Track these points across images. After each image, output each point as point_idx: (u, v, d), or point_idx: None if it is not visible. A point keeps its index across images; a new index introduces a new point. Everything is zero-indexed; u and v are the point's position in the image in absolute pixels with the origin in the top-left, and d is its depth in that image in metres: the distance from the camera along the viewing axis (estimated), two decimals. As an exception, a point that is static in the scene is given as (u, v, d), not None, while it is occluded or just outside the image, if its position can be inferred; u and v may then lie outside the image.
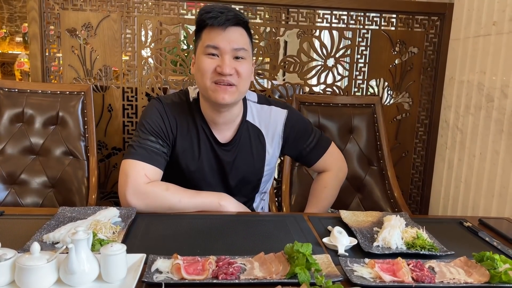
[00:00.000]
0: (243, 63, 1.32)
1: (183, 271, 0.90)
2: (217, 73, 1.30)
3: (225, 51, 1.29)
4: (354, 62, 2.33)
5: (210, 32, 1.30)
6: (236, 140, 1.44)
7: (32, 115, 1.96)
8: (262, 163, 1.49)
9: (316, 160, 1.57)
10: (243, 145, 1.45)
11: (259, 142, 1.48)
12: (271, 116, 1.49)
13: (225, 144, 1.43)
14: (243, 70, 1.32)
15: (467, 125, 2.03)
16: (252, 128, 1.47)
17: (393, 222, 1.19)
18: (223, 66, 1.29)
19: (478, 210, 1.90)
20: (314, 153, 1.56)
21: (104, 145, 2.29)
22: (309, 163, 1.59)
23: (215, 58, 1.30)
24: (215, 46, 1.29)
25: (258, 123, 1.48)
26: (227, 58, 1.29)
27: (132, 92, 2.26)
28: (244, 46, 1.32)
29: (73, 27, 2.18)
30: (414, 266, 0.97)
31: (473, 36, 2.01)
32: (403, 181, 2.42)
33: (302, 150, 1.55)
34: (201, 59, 1.32)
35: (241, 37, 1.32)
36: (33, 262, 0.82)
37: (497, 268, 0.95)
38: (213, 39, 1.29)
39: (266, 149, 1.49)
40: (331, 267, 0.96)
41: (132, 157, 1.33)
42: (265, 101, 1.52)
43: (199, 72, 1.33)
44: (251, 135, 1.46)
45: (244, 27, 1.34)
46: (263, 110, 1.49)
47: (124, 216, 1.21)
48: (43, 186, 1.92)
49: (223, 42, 1.29)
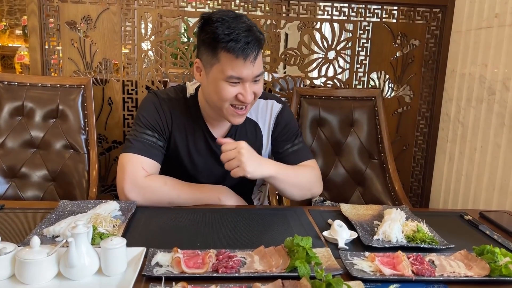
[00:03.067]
0: (259, 83, 1.31)
1: (183, 264, 0.90)
2: (238, 99, 1.27)
3: (247, 80, 1.26)
4: (355, 55, 2.32)
5: (232, 60, 1.22)
6: (232, 134, 1.43)
7: (32, 108, 1.95)
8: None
9: (298, 162, 1.46)
10: (239, 139, 1.42)
11: (256, 136, 1.47)
12: (267, 108, 1.48)
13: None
14: (259, 89, 1.31)
15: (468, 118, 2.02)
16: (249, 122, 1.46)
17: (393, 215, 1.19)
18: (245, 95, 1.26)
19: (479, 203, 1.90)
20: (294, 157, 1.46)
21: (105, 138, 2.28)
22: (289, 163, 1.45)
23: (237, 86, 1.26)
24: (239, 77, 1.24)
25: (255, 117, 1.47)
26: (248, 85, 1.26)
27: (132, 85, 2.25)
28: (262, 69, 1.29)
29: (72, 20, 2.16)
30: (414, 259, 0.97)
31: (475, 29, 1.99)
32: (404, 174, 2.42)
33: (286, 148, 1.48)
34: (221, 86, 1.26)
35: (260, 61, 1.28)
36: (33, 256, 0.82)
37: (497, 261, 0.95)
38: (236, 69, 1.23)
39: (263, 142, 1.48)
40: (331, 261, 0.96)
41: (129, 150, 1.32)
42: (262, 95, 1.47)
43: (217, 95, 1.28)
44: (247, 129, 1.46)
45: (261, 47, 1.27)
46: (259, 104, 1.47)
47: (124, 210, 1.21)
48: (43, 179, 1.92)
49: (246, 72, 1.24)
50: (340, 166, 2.11)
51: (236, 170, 1.20)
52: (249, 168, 1.20)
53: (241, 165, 1.19)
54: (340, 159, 2.11)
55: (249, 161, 1.20)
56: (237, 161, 1.19)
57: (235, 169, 1.20)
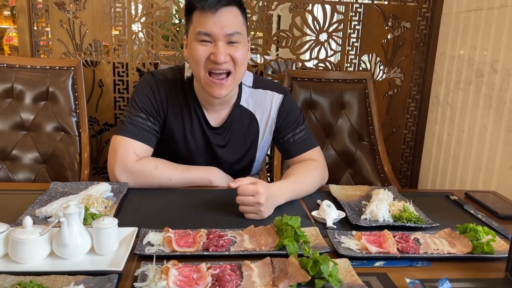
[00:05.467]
0: (238, 48, 1.25)
1: (174, 243, 0.92)
2: (211, 61, 1.23)
3: (218, 37, 1.21)
4: (347, 37, 2.32)
5: (201, 16, 1.21)
6: (228, 124, 1.41)
7: (21, 90, 1.94)
8: (254, 148, 1.47)
9: (299, 153, 1.44)
10: (235, 130, 1.42)
11: (252, 128, 1.45)
12: (266, 100, 1.44)
13: (216, 128, 1.41)
14: (239, 55, 1.25)
15: (457, 100, 2.04)
16: (246, 113, 1.43)
17: (380, 195, 1.22)
18: (217, 54, 1.21)
19: (466, 183, 1.94)
20: (298, 146, 1.44)
21: (96, 120, 2.28)
22: (291, 154, 1.45)
23: (208, 45, 1.23)
24: (207, 32, 1.21)
25: (252, 108, 1.44)
26: (220, 45, 1.22)
27: (123, 68, 2.24)
28: (238, 29, 1.24)
29: (61, 1, 2.13)
30: (400, 238, 1.00)
31: (465, 11, 2.00)
32: (394, 156, 2.45)
33: (287, 138, 1.45)
34: (193, 46, 1.24)
35: (234, 19, 1.23)
36: (26, 236, 0.84)
37: (479, 239, 0.98)
38: (204, 24, 1.21)
39: (259, 135, 1.46)
40: (319, 239, 0.99)
41: (122, 133, 1.31)
42: (261, 84, 1.46)
43: (192, 59, 1.26)
44: (244, 120, 1.43)
45: (237, 6, 1.25)
46: (258, 95, 1.44)
47: (116, 191, 1.22)
48: (35, 161, 1.92)
49: (215, 28, 1.20)
50: (330, 148, 2.13)
51: (253, 216, 1.13)
52: (266, 214, 1.13)
53: (259, 213, 1.12)
54: (331, 141, 2.14)
55: (267, 208, 1.13)
56: (256, 210, 1.12)
57: (251, 215, 1.13)
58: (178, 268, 0.81)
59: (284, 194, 1.22)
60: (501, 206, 1.29)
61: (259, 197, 1.11)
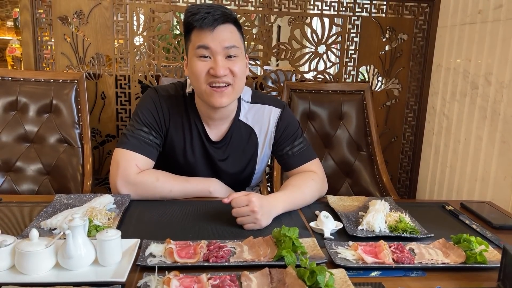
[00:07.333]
0: (236, 62, 1.30)
1: (175, 255, 0.94)
2: (211, 75, 1.28)
3: (216, 51, 1.27)
4: (345, 49, 2.36)
5: (199, 34, 1.27)
6: (227, 138, 1.44)
7: (26, 103, 1.98)
8: (254, 162, 1.50)
9: (298, 165, 1.46)
10: (234, 144, 1.45)
11: (252, 142, 1.48)
12: (264, 115, 1.47)
13: (216, 142, 1.44)
14: (237, 68, 1.29)
15: (453, 111, 2.07)
16: (245, 128, 1.46)
17: (377, 206, 1.24)
18: (216, 68, 1.26)
19: (462, 193, 1.96)
20: (296, 159, 1.46)
21: (98, 132, 2.32)
22: (290, 166, 1.47)
23: (208, 60, 1.28)
24: (206, 46, 1.26)
25: (251, 123, 1.47)
26: (219, 59, 1.27)
27: (125, 80, 2.28)
28: (235, 43, 1.29)
29: (64, 15, 2.18)
30: (395, 248, 1.02)
31: (459, 24, 2.04)
32: (392, 166, 2.48)
33: (286, 151, 1.47)
34: (194, 62, 1.29)
35: (231, 35, 1.29)
36: (32, 248, 0.86)
37: (473, 249, 1.00)
38: (203, 39, 1.27)
39: (258, 148, 1.49)
40: (317, 250, 1.01)
41: (124, 146, 1.34)
42: (259, 99, 1.49)
43: (193, 75, 1.31)
44: (243, 134, 1.46)
45: (233, 24, 1.31)
46: (256, 109, 1.47)
47: (119, 203, 1.25)
48: (38, 173, 1.95)
49: (213, 42, 1.26)
50: (329, 159, 2.16)
51: (251, 226, 1.16)
52: (264, 222, 1.17)
53: (257, 222, 1.15)
54: (330, 152, 2.17)
55: (263, 216, 1.16)
56: (253, 219, 1.15)
57: (250, 225, 1.16)
58: (179, 278, 0.84)
59: (280, 204, 1.25)
60: (495, 216, 1.32)
61: (252, 205, 1.14)
